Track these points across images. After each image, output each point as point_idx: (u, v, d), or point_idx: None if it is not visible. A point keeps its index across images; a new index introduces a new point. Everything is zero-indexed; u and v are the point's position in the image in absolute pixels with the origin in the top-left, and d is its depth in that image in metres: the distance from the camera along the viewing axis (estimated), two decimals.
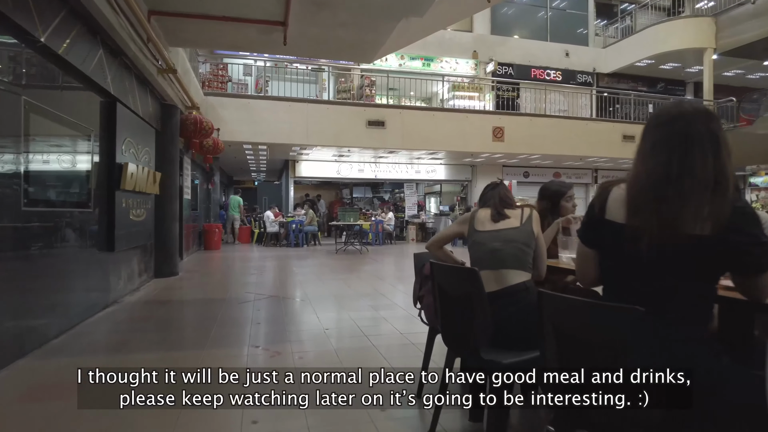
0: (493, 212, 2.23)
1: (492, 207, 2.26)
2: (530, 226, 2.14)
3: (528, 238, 2.11)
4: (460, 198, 16.73)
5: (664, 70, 17.37)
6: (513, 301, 1.99)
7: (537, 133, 13.01)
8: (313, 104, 11.48)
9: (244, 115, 11.02)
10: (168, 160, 7.38)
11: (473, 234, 2.24)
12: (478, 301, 1.83)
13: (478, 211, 2.32)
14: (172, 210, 7.46)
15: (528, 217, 2.17)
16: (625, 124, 14.00)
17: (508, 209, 2.23)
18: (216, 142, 9.97)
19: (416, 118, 12.10)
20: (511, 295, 2.00)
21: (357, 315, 4.72)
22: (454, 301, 1.99)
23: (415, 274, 2.77)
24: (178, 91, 7.41)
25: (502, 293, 2.00)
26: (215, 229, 12.38)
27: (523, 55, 16.83)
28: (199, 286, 6.89)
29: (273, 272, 8.13)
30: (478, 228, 2.23)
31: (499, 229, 2.15)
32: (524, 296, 2.00)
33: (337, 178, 16.03)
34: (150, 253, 6.98)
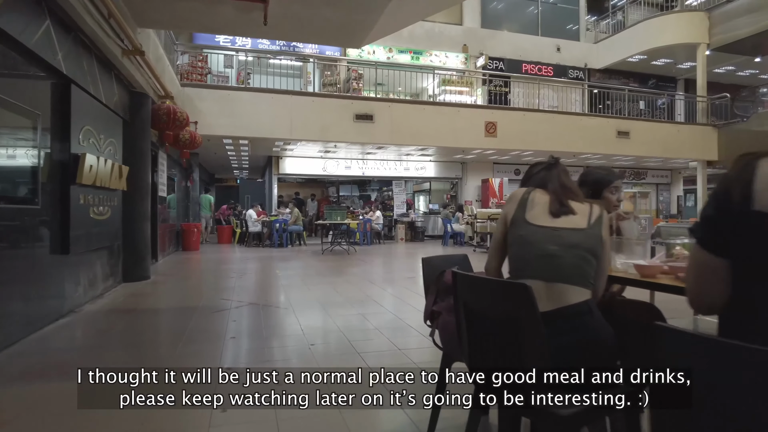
0: (554, 202, 1.65)
1: (552, 194, 1.68)
2: (599, 230, 1.60)
3: (595, 246, 1.57)
4: (450, 196, 16.24)
5: (655, 66, 17.13)
6: (572, 327, 1.45)
7: (530, 128, 12.58)
8: (297, 96, 10.87)
9: (223, 108, 10.37)
10: (138, 154, 6.73)
11: (521, 225, 1.65)
12: (530, 327, 1.30)
13: (533, 192, 1.72)
14: (143, 208, 6.81)
15: (598, 217, 1.62)
16: (619, 120, 13.65)
17: (573, 201, 1.66)
18: (193, 135, 9.32)
19: (406, 112, 11.57)
20: (570, 318, 1.46)
21: (346, 326, 4.16)
22: (490, 324, 1.45)
23: (424, 285, 2.21)
24: (149, 78, 6.76)
25: (556, 315, 1.46)
26: (194, 228, 11.70)
27: (513, 49, 16.43)
28: (170, 292, 6.26)
29: (254, 275, 7.53)
30: (530, 219, 1.64)
31: (559, 228, 1.59)
32: (587, 321, 1.47)
33: (323, 176, 15.44)
34: (117, 256, 6.33)
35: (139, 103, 6.77)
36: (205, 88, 10.45)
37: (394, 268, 9.12)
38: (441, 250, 12.23)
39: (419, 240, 14.94)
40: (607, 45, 17.08)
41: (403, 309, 4.90)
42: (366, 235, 13.40)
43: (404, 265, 9.54)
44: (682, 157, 14.54)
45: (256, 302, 5.30)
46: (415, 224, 15.12)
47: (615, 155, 14.18)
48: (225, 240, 14.37)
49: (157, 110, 7.21)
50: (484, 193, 15.51)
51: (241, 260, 9.81)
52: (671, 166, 17.70)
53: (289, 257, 10.40)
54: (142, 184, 6.78)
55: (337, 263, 9.25)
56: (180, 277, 7.49)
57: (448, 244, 13.20)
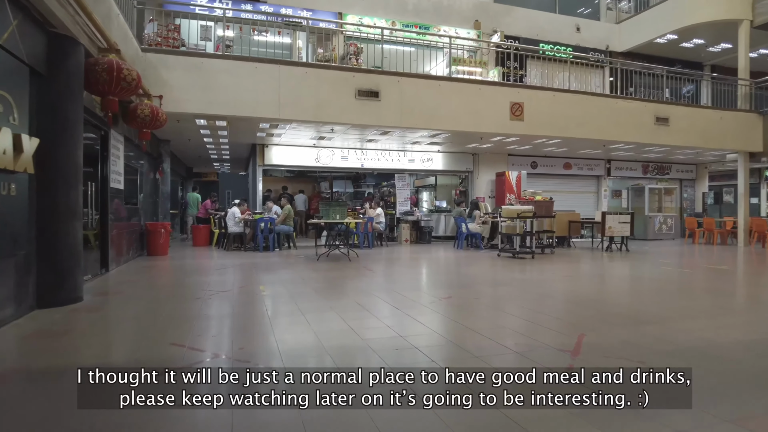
0: None
1: None
2: None
3: None
4: (459, 192, 14.36)
5: (683, 49, 15.42)
6: None
7: (560, 111, 10.76)
8: (286, 67, 8.86)
9: (195, 79, 8.35)
10: (61, 123, 4.71)
11: None
12: None
13: None
14: (69, 202, 4.79)
15: None
16: (658, 104, 11.88)
17: None
18: (155, 111, 7.30)
19: (418, 89, 9.64)
20: None
21: (390, 421, 2.22)
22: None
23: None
24: (79, 15, 4.74)
25: None
26: (160, 229, 9.64)
27: (530, 27, 14.60)
28: (97, 329, 4.24)
29: (229, 295, 5.51)
30: None
31: None
32: None
33: (315, 168, 13.43)
34: (26, 270, 4.31)
35: (63, 52, 4.74)
36: (173, 54, 8.40)
37: (417, 281, 7.21)
38: (455, 254, 10.34)
39: (425, 241, 13.03)
40: (631, 25, 15.36)
41: (464, 357, 3.00)
42: (367, 236, 11.45)
43: (428, 276, 7.63)
44: (724, 147, 12.85)
45: (223, 354, 3.32)
46: (420, 224, 13.20)
47: (650, 145, 12.43)
48: (201, 242, 12.30)
49: (93, 66, 5.18)
50: (499, 188, 13.67)
51: (216, 270, 7.79)
52: (698, 160, 16.06)
53: (276, 265, 8.42)
54: (67, 166, 4.75)
55: (339, 274, 7.31)
56: (126, 298, 5.46)
57: (463, 246, 11.29)
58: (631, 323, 4.17)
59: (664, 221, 15.82)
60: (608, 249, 11.12)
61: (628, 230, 11.15)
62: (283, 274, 7.27)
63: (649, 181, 16.37)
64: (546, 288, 6.24)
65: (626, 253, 10.72)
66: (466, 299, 5.34)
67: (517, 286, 6.34)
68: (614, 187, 16.62)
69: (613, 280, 7.40)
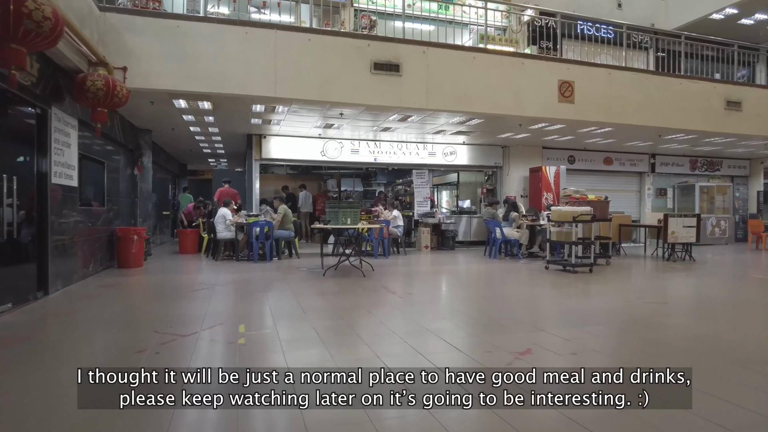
0: None
1: None
2: None
3: None
4: (486, 190, 12.49)
5: (741, 27, 13.43)
6: None
7: (616, 92, 8.89)
8: (284, 32, 7.03)
9: (170, 47, 6.58)
10: None
11: None
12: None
13: None
14: None
15: None
16: (729, 86, 9.98)
17: None
18: (110, 84, 5.55)
19: (448, 63, 7.80)
20: None
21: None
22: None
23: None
24: None
25: None
26: (133, 235, 7.86)
27: (566, 2, 12.69)
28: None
29: (182, 353, 3.59)
30: None
31: None
32: None
33: (321, 162, 11.60)
34: None
35: None
36: (141, 15, 6.62)
37: (464, 313, 5.36)
38: (491, 265, 8.49)
39: (448, 248, 11.17)
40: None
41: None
42: (382, 242, 9.63)
43: (476, 304, 5.79)
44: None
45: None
46: (441, 227, 11.36)
47: (715, 134, 10.51)
48: (189, 249, 10.54)
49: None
50: (534, 186, 11.81)
51: (192, 292, 5.98)
52: (756, 154, 14.11)
53: (271, 284, 6.63)
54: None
55: (352, 300, 5.49)
56: (55, 341, 3.65)
57: (498, 255, 9.40)
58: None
59: (716, 223, 13.91)
60: (670, 258, 9.25)
61: (694, 236, 9.27)
62: (277, 302, 5.44)
63: (698, 178, 14.46)
64: (661, 330, 4.37)
65: (693, 263, 8.85)
66: (557, 353, 3.41)
67: (615, 326, 4.40)
68: (657, 185, 14.70)
69: (726, 308, 5.51)
